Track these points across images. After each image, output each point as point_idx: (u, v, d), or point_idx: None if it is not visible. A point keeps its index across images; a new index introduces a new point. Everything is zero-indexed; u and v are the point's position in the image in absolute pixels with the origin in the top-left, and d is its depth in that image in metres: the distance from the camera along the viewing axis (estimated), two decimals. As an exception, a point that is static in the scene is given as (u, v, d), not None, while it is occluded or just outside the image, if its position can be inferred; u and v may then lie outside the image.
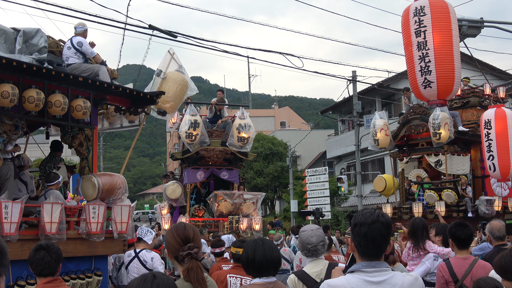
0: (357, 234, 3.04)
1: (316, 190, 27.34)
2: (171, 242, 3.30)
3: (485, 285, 3.46)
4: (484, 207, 15.22)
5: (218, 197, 16.08)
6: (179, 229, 3.33)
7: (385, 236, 3.02)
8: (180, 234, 3.28)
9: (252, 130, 16.51)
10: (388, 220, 3.03)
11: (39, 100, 7.38)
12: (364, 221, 2.99)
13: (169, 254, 3.38)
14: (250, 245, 3.82)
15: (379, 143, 16.33)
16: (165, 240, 3.38)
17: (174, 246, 3.28)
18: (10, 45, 8.14)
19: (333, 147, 41.06)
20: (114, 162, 67.96)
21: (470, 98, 17.33)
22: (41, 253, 4.05)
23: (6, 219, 6.92)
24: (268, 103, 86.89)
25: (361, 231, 3.01)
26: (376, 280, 2.97)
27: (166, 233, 3.39)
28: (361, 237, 3.02)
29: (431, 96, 7.37)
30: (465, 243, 5.33)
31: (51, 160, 9.37)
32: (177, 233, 3.30)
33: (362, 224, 3.00)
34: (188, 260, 3.20)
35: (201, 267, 3.25)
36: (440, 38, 7.20)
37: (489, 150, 11.60)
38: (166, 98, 9.80)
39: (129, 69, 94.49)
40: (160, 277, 2.04)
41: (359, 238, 3.03)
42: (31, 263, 4.07)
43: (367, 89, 31.92)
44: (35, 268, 4.08)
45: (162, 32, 11.58)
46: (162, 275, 2.08)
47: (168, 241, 3.33)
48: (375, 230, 2.97)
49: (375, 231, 2.97)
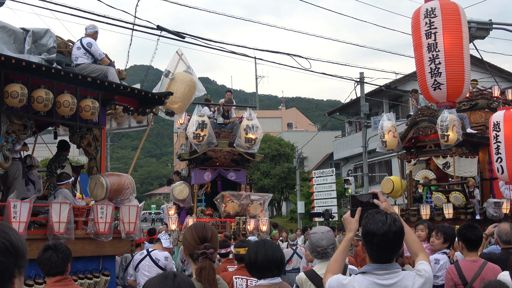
0: (369, 243, 3.00)
1: (323, 191, 27.29)
2: (188, 239, 3.30)
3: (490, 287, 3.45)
4: (492, 209, 15.16)
5: (225, 198, 16.08)
6: (198, 228, 3.33)
7: (397, 244, 2.99)
8: (199, 233, 3.28)
9: (259, 131, 16.51)
10: (400, 227, 2.98)
11: (47, 100, 7.41)
12: (377, 232, 2.94)
13: (185, 251, 3.37)
14: (252, 246, 3.82)
15: (387, 145, 16.28)
16: (183, 237, 3.38)
17: (191, 244, 3.27)
18: (20, 45, 8.18)
19: (340, 148, 40.97)
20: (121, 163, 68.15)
21: (478, 100, 17.27)
22: (49, 253, 4.07)
23: (15, 219, 6.94)
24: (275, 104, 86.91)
25: (373, 241, 2.97)
26: (387, 283, 2.95)
27: (186, 230, 3.40)
28: (372, 247, 2.99)
29: (440, 98, 7.32)
30: (475, 245, 5.29)
31: (56, 160, 9.40)
32: (196, 231, 3.30)
33: (374, 235, 2.95)
34: (202, 259, 3.19)
35: (214, 268, 3.24)
36: (451, 40, 7.16)
37: (498, 152, 11.52)
38: (174, 98, 9.81)
39: (137, 69, 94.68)
40: (181, 276, 2.03)
41: (370, 246, 3.00)
42: (39, 263, 4.09)
43: (374, 90, 31.85)
44: (43, 267, 4.10)
45: (170, 32, 11.58)
46: (182, 274, 2.07)
47: (186, 238, 3.33)
48: (387, 241, 2.93)
49: (387, 242, 2.94)
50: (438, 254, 6.31)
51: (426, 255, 3.25)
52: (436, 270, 5.99)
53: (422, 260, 3.18)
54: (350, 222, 3.31)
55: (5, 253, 1.45)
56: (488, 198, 16.02)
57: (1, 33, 7.95)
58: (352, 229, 3.28)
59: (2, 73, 7.10)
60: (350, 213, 3.35)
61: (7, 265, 1.45)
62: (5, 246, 1.45)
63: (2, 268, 1.43)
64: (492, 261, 5.27)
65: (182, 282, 1.98)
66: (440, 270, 5.95)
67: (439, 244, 6.36)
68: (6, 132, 7.29)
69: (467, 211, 15.10)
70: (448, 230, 6.31)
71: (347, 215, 3.37)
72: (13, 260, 1.46)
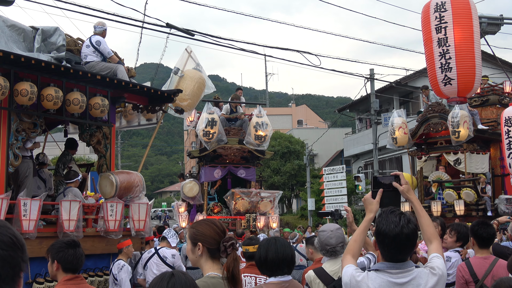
0: (381, 243, 2.99)
1: (334, 188, 27.22)
2: (209, 234, 3.20)
3: (501, 285, 3.42)
4: (504, 205, 15.05)
5: (235, 195, 16.07)
6: (216, 222, 3.28)
7: (410, 246, 2.97)
8: (219, 226, 3.22)
9: (269, 128, 16.47)
10: (413, 228, 2.94)
11: (57, 98, 7.42)
12: (388, 233, 2.91)
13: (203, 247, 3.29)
14: (263, 244, 3.80)
15: (397, 142, 16.22)
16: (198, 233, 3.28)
17: (214, 238, 3.19)
18: (29, 43, 8.20)
19: (351, 145, 40.84)
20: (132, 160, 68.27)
21: (489, 96, 17.15)
22: (73, 249, 4.01)
23: (25, 217, 6.97)
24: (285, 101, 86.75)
25: (385, 242, 2.95)
26: (400, 282, 2.93)
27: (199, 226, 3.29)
28: (384, 247, 2.98)
29: (451, 93, 7.26)
30: (487, 242, 5.25)
31: (61, 159, 9.41)
32: (215, 225, 3.23)
33: (386, 236, 2.93)
34: (231, 250, 3.14)
35: None
36: (461, 34, 7.10)
37: (510, 148, 11.44)
38: (183, 96, 9.80)
39: (146, 67, 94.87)
40: (178, 275, 2.01)
41: (383, 247, 2.99)
42: (60, 258, 3.99)
43: (384, 87, 31.69)
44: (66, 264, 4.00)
45: (179, 30, 11.57)
46: (182, 273, 2.05)
47: (205, 234, 3.23)
48: (399, 243, 2.91)
49: (399, 243, 2.91)
50: (450, 252, 6.26)
51: (439, 244, 3.22)
52: (447, 268, 5.94)
53: (435, 252, 3.15)
54: (371, 203, 3.29)
55: (13, 248, 1.48)
56: (500, 194, 15.91)
57: (11, 31, 7.98)
58: (373, 209, 3.27)
59: (11, 72, 7.12)
60: (372, 194, 3.32)
61: (17, 259, 1.48)
62: (12, 241, 1.49)
63: (13, 262, 1.47)
64: (505, 257, 5.22)
65: (178, 282, 1.97)
66: (451, 268, 5.90)
67: (451, 242, 6.31)
68: (16, 130, 7.31)
69: (478, 208, 15.01)
70: (463, 229, 6.25)
71: (368, 195, 3.35)
72: (21, 254, 1.50)
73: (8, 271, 1.46)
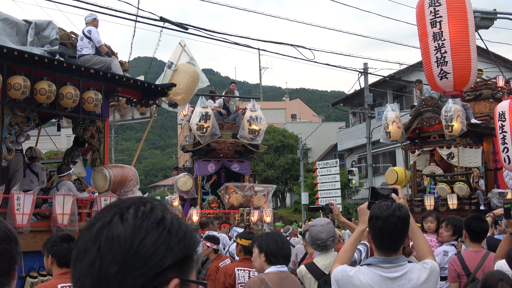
0: (373, 227, 3.03)
1: (327, 182, 27.24)
2: None
3: (491, 278, 3.46)
4: (496, 199, 15.13)
5: (229, 190, 16.08)
6: None
7: (401, 230, 2.98)
8: None
9: (263, 122, 16.48)
10: (405, 214, 2.98)
11: (50, 92, 7.39)
12: (380, 215, 2.97)
13: None
14: (262, 235, 3.90)
15: (391, 136, 16.25)
16: None
17: None
18: (22, 37, 8.16)
19: (344, 139, 40.91)
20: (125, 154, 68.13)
21: (482, 91, 17.21)
22: (67, 243, 4.00)
23: (18, 211, 6.94)
24: (279, 95, 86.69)
25: (376, 225, 2.99)
26: (392, 276, 2.95)
27: None
28: (376, 230, 3.00)
29: (447, 88, 7.27)
30: (479, 236, 5.29)
31: (69, 154, 9.44)
32: None
33: (378, 218, 2.98)
34: None
35: None
36: (456, 28, 7.10)
37: (504, 142, 11.45)
38: (177, 90, 9.79)
39: (140, 61, 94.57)
40: None
41: (374, 231, 3.02)
42: (54, 252, 3.99)
43: (378, 81, 31.73)
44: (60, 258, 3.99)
45: (173, 24, 11.53)
46: None
47: None
48: (390, 224, 2.94)
49: (390, 225, 2.94)
50: (446, 246, 6.30)
51: (433, 259, 3.23)
52: (445, 262, 5.99)
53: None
54: (365, 214, 3.30)
55: (8, 241, 1.48)
56: (493, 188, 16.00)
57: (4, 25, 7.93)
58: (366, 221, 3.25)
59: (4, 65, 7.09)
60: (368, 205, 3.33)
61: (11, 252, 1.49)
62: (6, 234, 1.49)
63: (8, 255, 1.47)
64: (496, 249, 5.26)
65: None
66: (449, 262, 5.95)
67: (448, 236, 6.36)
68: (9, 124, 7.28)
69: (471, 202, 15.08)
70: (458, 223, 6.29)
71: (364, 206, 3.36)
72: (15, 247, 1.51)
73: (4, 264, 1.46)
